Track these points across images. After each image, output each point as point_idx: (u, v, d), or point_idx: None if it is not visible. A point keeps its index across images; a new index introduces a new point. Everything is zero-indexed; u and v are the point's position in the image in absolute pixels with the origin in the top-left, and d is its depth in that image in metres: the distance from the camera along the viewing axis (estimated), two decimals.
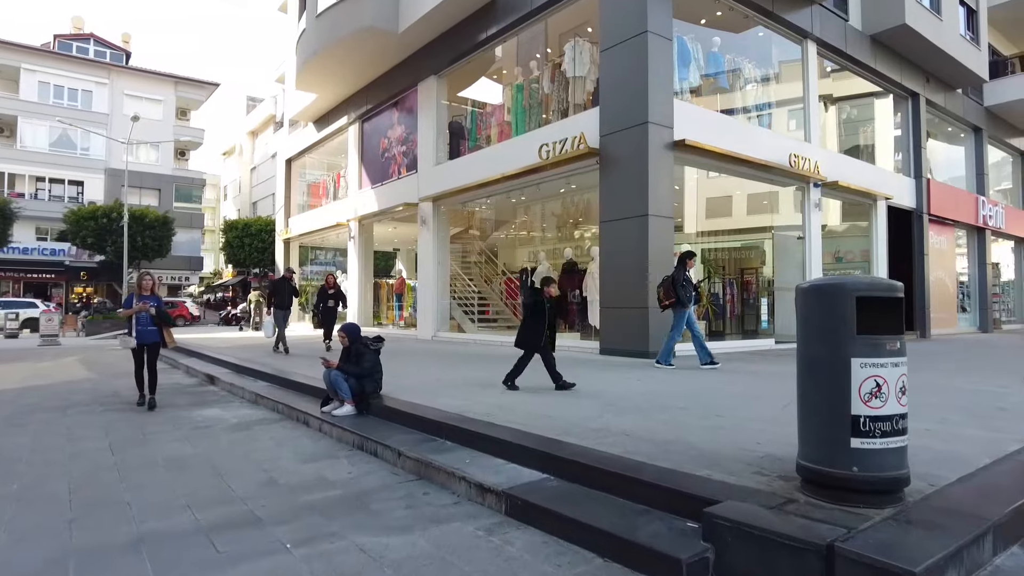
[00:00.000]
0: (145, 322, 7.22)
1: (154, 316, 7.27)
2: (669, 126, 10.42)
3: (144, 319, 7.20)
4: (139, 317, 7.17)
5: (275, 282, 12.92)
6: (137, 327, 7.15)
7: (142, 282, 7.46)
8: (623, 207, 10.40)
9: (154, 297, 7.50)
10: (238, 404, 7.84)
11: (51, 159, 37.60)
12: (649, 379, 7.63)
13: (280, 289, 12.27)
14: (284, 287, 12.30)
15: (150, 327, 7.27)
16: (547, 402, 5.94)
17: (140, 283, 7.46)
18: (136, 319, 7.16)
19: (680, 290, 8.54)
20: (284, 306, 12.21)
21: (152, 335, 7.33)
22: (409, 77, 16.66)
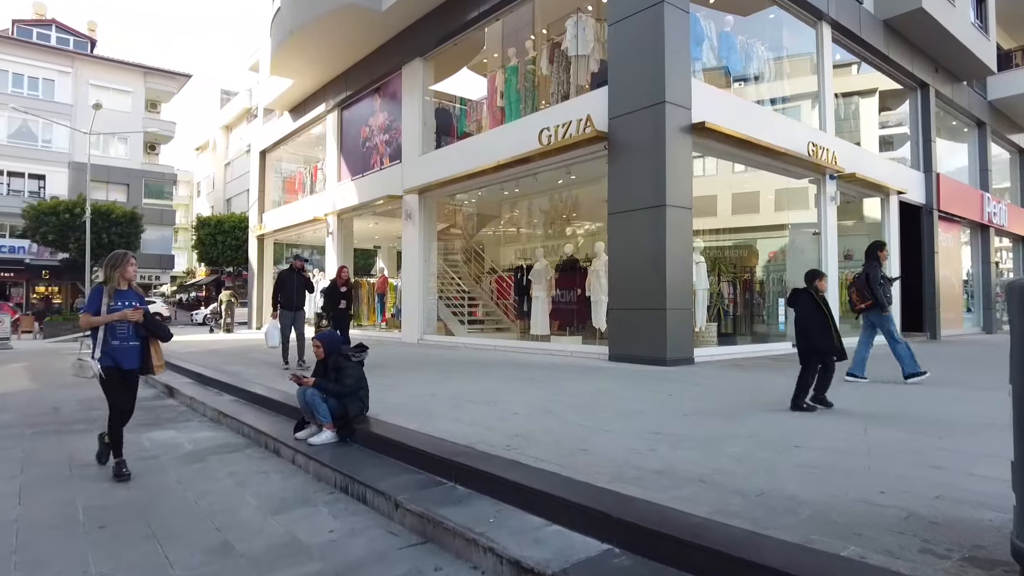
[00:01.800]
0: (125, 335, 4.46)
1: (141, 325, 4.49)
2: (687, 107, 9.40)
3: (124, 332, 4.45)
4: (114, 328, 4.42)
5: (281, 275, 9.87)
6: (111, 341, 4.41)
7: (123, 268, 4.53)
8: (636, 197, 9.35)
9: (136, 295, 4.61)
10: (197, 424, 6.63)
11: (10, 151, 35.58)
12: (683, 393, 6.58)
13: (287, 283, 9.54)
14: (293, 281, 9.55)
15: (131, 342, 4.48)
16: (576, 429, 4.84)
17: (116, 268, 4.52)
18: (109, 331, 4.40)
19: (877, 289, 7.30)
20: (293, 305, 9.52)
21: (132, 356, 4.51)
22: (393, 60, 15.46)
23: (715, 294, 11.61)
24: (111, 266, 4.52)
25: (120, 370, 4.47)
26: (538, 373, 8.40)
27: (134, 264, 4.62)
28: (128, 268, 4.54)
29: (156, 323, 4.64)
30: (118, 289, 4.49)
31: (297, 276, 9.65)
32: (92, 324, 4.38)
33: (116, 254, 4.58)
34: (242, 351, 12.93)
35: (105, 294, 4.41)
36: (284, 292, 9.51)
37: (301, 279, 9.67)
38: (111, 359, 4.41)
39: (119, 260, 4.54)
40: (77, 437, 5.94)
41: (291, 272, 9.75)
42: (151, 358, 4.62)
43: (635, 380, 7.57)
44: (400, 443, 4.39)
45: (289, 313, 9.51)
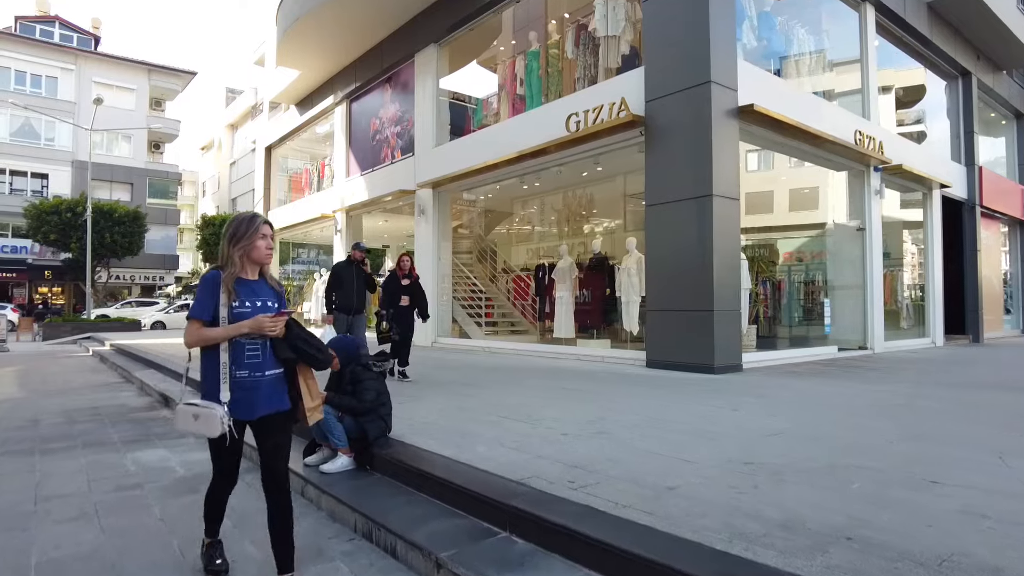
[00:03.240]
0: (258, 360, 2.63)
1: (283, 343, 2.68)
2: (733, 88, 8.55)
3: (256, 354, 2.63)
4: (240, 349, 2.60)
5: (337, 269, 7.84)
6: (235, 372, 2.59)
7: (251, 243, 2.64)
8: (677, 186, 8.50)
9: (271, 291, 2.73)
10: (193, 441, 5.80)
11: (12, 149, 35.00)
12: (749, 408, 5.71)
13: (344, 280, 7.63)
14: (351, 276, 7.63)
15: (267, 372, 2.65)
16: (647, 458, 3.99)
17: (240, 243, 2.63)
18: (233, 355, 2.59)
19: None
20: (352, 308, 7.65)
21: (269, 394, 2.68)
22: (405, 47, 14.66)
23: (754, 294, 10.76)
24: (233, 238, 2.61)
25: (249, 422, 2.67)
26: (573, 381, 7.56)
27: (269, 236, 2.70)
28: (258, 243, 2.62)
29: (307, 338, 2.71)
30: (242, 278, 2.62)
31: (356, 270, 7.65)
32: (205, 340, 2.54)
33: (240, 218, 2.68)
34: None
35: (224, 287, 2.55)
36: (340, 291, 7.61)
37: (361, 275, 7.70)
38: (239, 402, 2.57)
39: (245, 229, 2.61)
40: (52, 459, 5.12)
41: (348, 265, 7.74)
42: (305, 403, 2.80)
43: (686, 391, 6.72)
44: (436, 477, 3.54)
45: (345, 318, 7.62)
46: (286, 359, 2.70)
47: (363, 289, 7.75)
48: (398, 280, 7.94)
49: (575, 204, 15.54)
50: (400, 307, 7.80)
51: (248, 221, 2.67)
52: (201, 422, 2.57)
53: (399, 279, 7.94)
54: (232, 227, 2.67)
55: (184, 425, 2.63)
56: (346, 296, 7.60)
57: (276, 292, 2.75)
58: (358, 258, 7.82)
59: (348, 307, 7.62)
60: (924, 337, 13.91)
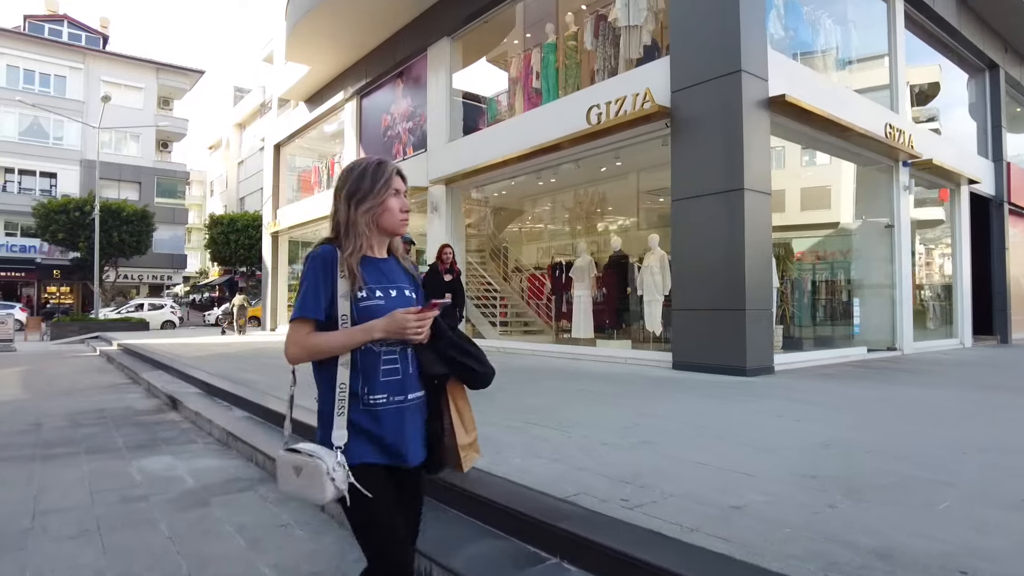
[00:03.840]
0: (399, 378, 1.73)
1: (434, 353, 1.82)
2: (764, 78, 8.18)
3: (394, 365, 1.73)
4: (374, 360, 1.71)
5: (425, 278, 6.79)
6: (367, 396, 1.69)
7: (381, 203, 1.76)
8: (706, 180, 8.14)
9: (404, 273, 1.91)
10: (201, 447, 5.50)
11: (21, 149, 35.00)
12: (793, 414, 5.35)
13: (432, 288, 6.71)
14: (438, 284, 6.88)
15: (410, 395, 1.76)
16: (702, 471, 3.64)
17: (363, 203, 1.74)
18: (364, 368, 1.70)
19: None
20: None
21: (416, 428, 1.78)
22: (417, 41, 14.34)
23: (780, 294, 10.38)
24: (354, 196, 1.73)
25: (397, 469, 1.73)
26: (598, 384, 7.21)
27: (403, 193, 1.84)
28: (390, 203, 1.78)
29: (463, 344, 1.86)
30: (368, 256, 1.79)
31: (442, 278, 6.86)
32: (318, 352, 1.71)
33: (362, 166, 1.77)
34: (255, 355, 11.86)
35: (345, 270, 1.71)
36: None
37: (451, 282, 6.86)
38: (374, 442, 1.68)
39: (370, 181, 1.74)
40: (53, 466, 4.82)
41: (435, 273, 6.93)
42: (459, 450, 1.83)
43: (720, 395, 6.36)
44: (471, 493, 3.20)
45: None
46: (434, 375, 1.78)
47: (453, 299, 6.65)
48: (440, 276, 6.97)
49: (587, 202, 15.20)
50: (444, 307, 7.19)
51: (374, 170, 1.72)
52: (304, 479, 1.59)
53: (441, 274, 6.98)
54: (351, 178, 1.72)
55: (286, 483, 1.67)
56: None
57: (412, 277, 1.86)
58: (447, 263, 6.98)
59: None
60: (952, 338, 13.49)
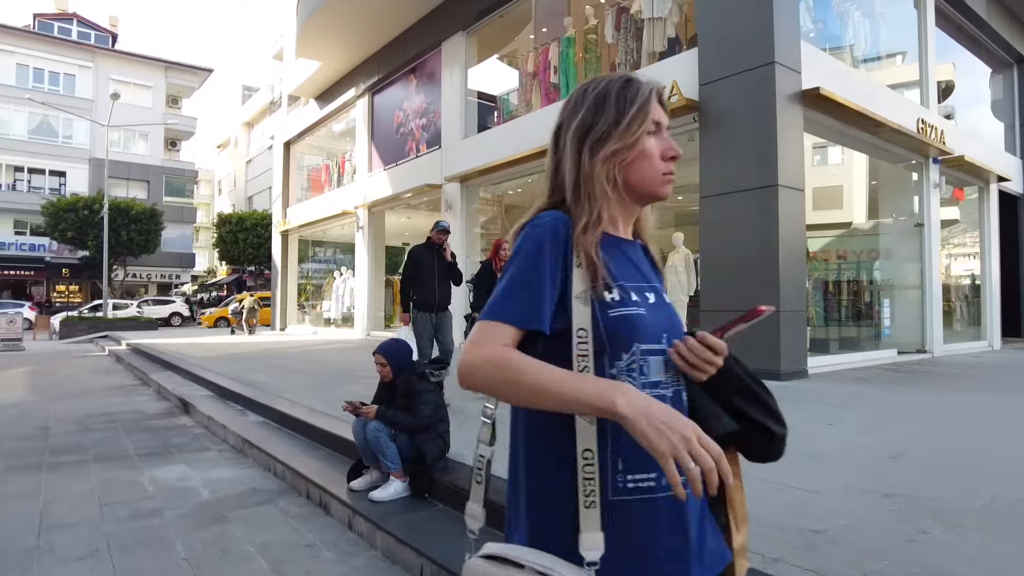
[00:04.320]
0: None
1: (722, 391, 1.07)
2: (797, 70, 7.85)
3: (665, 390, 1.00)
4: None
5: (414, 254, 6.05)
6: (627, 478, 0.94)
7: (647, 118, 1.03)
8: (737, 176, 7.81)
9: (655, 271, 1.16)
10: (215, 455, 5.22)
11: (30, 147, 34.96)
12: (845, 422, 5.03)
13: (424, 268, 5.92)
14: (432, 264, 5.94)
15: None
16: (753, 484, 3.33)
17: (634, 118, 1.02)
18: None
19: None
20: (435, 304, 5.93)
21: (712, 535, 1.03)
22: (431, 36, 14.06)
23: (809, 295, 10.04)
24: (591, 137, 1.03)
25: None
26: None
27: (664, 128, 1.08)
28: (647, 145, 1.04)
29: (756, 388, 1.13)
30: (612, 235, 1.08)
31: (438, 256, 5.91)
32: (521, 388, 0.89)
33: (602, 85, 1.07)
34: (266, 355, 11.60)
35: (581, 257, 0.98)
36: (419, 283, 5.88)
37: (443, 262, 5.95)
38: (644, 554, 0.93)
39: (617, 110, 1.03)
40: (61, 476, 4.55)
41: (427, 250, 5.95)
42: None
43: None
44: None
45: (428, 316, 5.87)
46: (716, 435, 0.92)
47: (446, 279, 5.99)
48: (494, 274, 6.00)
49: None
50: None
51: (619, 91, 1.06)
52: None
53: (495, 273, 5.97)
54: (584, 105, 1.08)
55: None
56: (426, 290, 5.83)
57: (657, 268, 1.17)
58: (439, 241, 5.96)
59: (430, 303, 5.86)
60: (980, 340, 13.10)
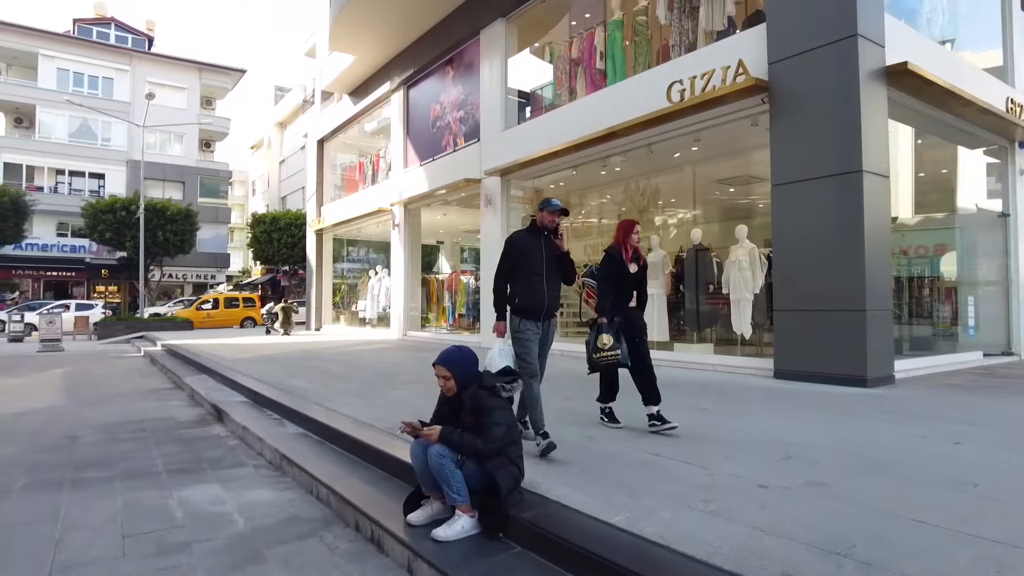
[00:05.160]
0: None
1: None
2: (881, 44, 7.09)
3: None
4: None
5: (515, 242, 4.36)
6: None
7: None
8: (815, 162, 7.08)
9: None
10: (251, 472, 4.72)
11: (71, 150, 35.46)
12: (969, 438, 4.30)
13: (529, 258, 4.26)
14: (539, 253, 4.28)
15: None
16: (911, 529, 2.67)
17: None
18: None
19: None
20: (541, 308, 4.24)
21: None
22: (469, 24, 13.52)
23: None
24: None
25: None
26: (693, 396, 6.25)
27: None
28: None
29: None
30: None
31: (547, 245, 4.31)
32: None
33: None
34: (303, 358, 11.19)
35: None
36: (524, 281, 4.21)
37: (553, 253, 4.33)
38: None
39: None
40: (83, 496, 4.09)
41: (534, 236, 4.33)
42: None
43: (855, 412, 5.33)
44: (621, 568, 2.30)
45: (535, 325, 4.22)
46: None
47: (557, 276, 4.34)
48: (623, 265, 4.73)
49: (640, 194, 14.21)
50: (630, 310, 4.75)
51: None
52: None
53: (625, 264, 4.74)
54: None
55: None
56: (534, 289, 4.17)
57: None
58: (551, 225, 4.26)
59: (538, 307, 4.18)
60: None
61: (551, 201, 4.33)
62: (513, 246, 4.31)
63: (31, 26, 35.06)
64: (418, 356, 11.32)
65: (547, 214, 4.29)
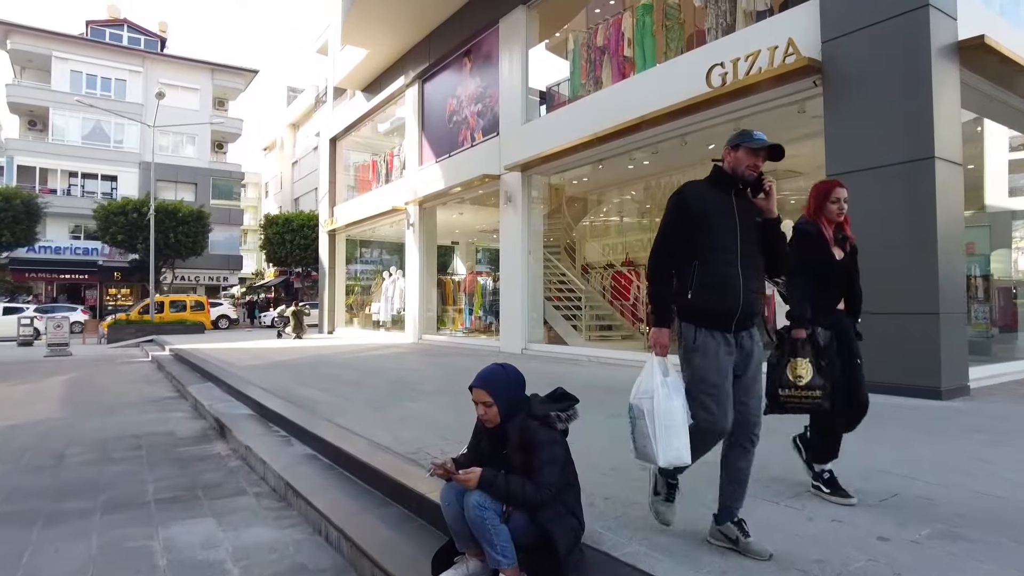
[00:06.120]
0: None
1: None
2: (953, 16, 6.38)
3: None
4: None
5: (687, 198, 2.56)
6: None
7: None
8: (878, 148, 6.38)
9: None
10: (252, 502, 4.12)
11: (84, 152, 35.28)
12: None
13: (713, 229, 2.50)
14: (723, 217, 2.52)
15: None
16: None
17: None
18: None
19: None
20: (734, 308, 2.48)
21: None
22: (487, 13, 12.91)
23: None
24: None
25: None
26: None
27: None
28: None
29: None
30: None
31: (740, 205, 2.59)
32: None
33: None
34: (315, 364, 10.62)
35: None
36: (705, 260, 2.52)
37: (751, 217, 2.58)
38: None
39: None
40: (56, 534, 3.50)
41: (722, 189, 2.60)
42: None
43: (942, 430, 4.63)
44: None
45: (725, 341, 2.52)
46: None
47: (759, 259, 2.62)
48: (828, 248, 3.21)
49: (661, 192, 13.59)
50: (837, 314, 3.28)
51: None
52: None
53: (829, 245, 3.22)
54: None
55: None
56: (722, 278, 2.50)
57: None
58: (751, 172, 2.55)
59: (728, 309, 2.51)
60: None
61: (752, 134, 2.55)
62: (686, 207, 2.55)
63: (45, 28, 34.97)
64: (435, 361, 10.71)
65: (746, 154, 2.52)
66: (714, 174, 2.64)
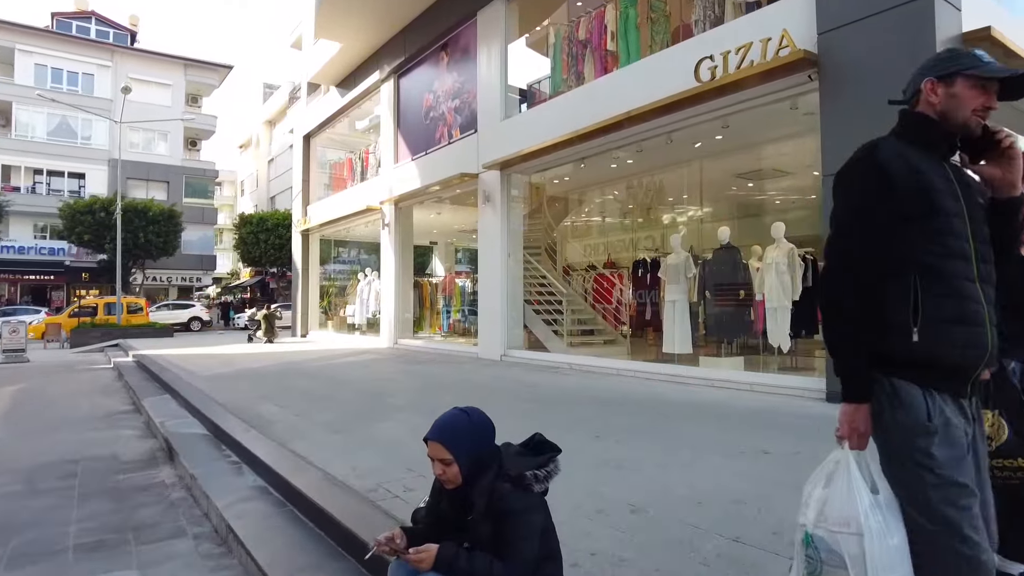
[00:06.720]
0: None
1: None
2: (957, 6, 6.02)
3: None
4: None
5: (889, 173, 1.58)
6: None
7: None
8: None
9: None
10: (189, 548, 3.59)
11: (49, 149, 34.12)
12: None
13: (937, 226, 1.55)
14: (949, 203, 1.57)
15: None
16: None
17: None
18: None
19: None
20: (974, 358, 1.53)
21: None
22: (465, 5, 12.41)
23: None
24: None
25: None
26: (748, 432, 5.16)
27: None
28: None
29: None
30: None
31: (964, 186, 1.62)
32: None
33: None
34: (282, 373, 10.05)
35: None
36: (932, 277, 1.54)
37: (976, 198, 1.63)
38: None
39: None
40: None
41: (932, 153, 1.64)
42: None
43: None
44: None
45: (960, 411, 1.56)
46: None
47: (991, 258, 1.64)
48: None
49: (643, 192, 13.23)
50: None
51: None
52: None
53: None
54: None
55: None
56: (959, 302, 1.54)
57: None
58: (974, 125, 1.67)
59: (978, 357, 1.55)
60: None
61: (977, 54, 1.68)
62: (888, 182, 1.63)
63: (7, 20, 33.72)
64: (409, 370, 10.21)
65: (969, 87, 1.66)
66: (912, 124, 1.66)
